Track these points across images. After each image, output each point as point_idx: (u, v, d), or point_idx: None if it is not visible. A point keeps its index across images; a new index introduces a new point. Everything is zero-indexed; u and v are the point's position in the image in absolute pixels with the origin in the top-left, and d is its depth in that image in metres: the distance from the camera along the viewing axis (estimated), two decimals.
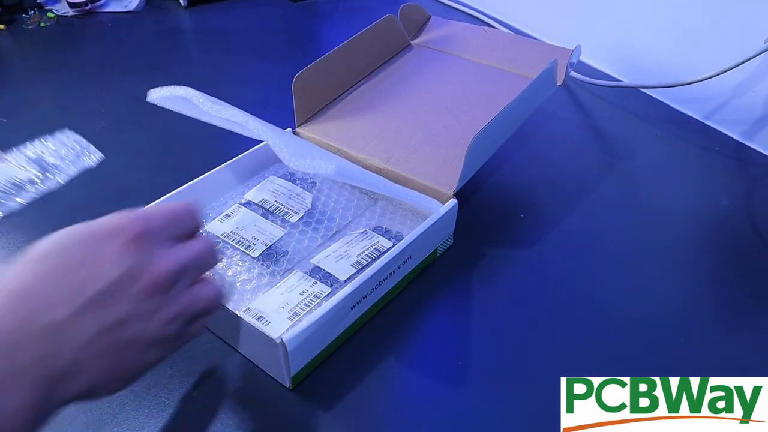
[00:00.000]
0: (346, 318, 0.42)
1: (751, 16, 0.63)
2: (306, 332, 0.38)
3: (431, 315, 0.47)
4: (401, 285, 0.47)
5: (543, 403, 0.39)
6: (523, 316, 0.47)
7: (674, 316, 0.47)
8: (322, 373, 0.42)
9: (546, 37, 0.87)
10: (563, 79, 0.59)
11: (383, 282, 0.44)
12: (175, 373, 0.41)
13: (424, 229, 0.46)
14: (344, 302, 0.40)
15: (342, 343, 0.43)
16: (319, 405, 0.40)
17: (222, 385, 0.41)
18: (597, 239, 0.54)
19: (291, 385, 0.40)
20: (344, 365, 0.42)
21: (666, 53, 0.74)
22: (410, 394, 0.41)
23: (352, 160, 0.55)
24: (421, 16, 0.73)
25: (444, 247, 0.51)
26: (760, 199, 0.60)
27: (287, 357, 0.38)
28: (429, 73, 0.65)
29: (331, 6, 1.03)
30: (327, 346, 0.41)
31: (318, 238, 0.49)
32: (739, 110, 0.68)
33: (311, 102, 0.59)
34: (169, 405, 0.39)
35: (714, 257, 0.53)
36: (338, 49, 0.60)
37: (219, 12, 0.99)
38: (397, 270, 0.45)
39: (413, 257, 0.47)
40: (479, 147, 0.49)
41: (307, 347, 0.39)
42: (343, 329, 0.42)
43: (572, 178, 0.62)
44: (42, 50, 0.88)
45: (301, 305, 0.42)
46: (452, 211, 0.49)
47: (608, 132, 0.71)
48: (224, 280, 0.44)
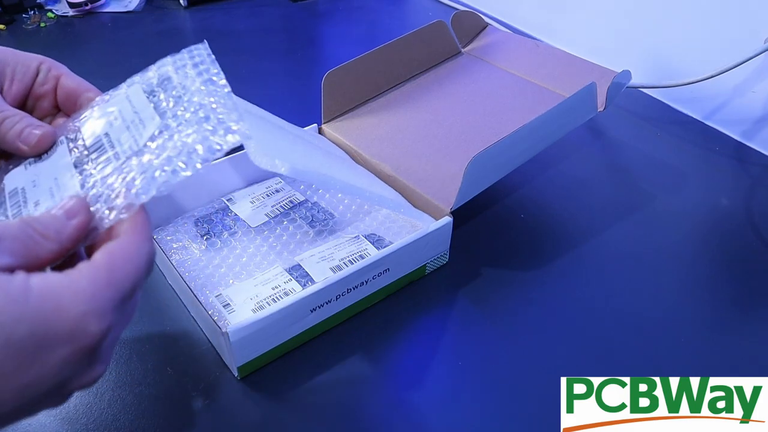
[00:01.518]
0: (306, 319, 0.42)
1: (751, 16, 0.63)
2: (253, 327, 0.38)
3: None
4: (378, 296, 0.46)
5: (543, 403, 0.39)
6: (524, 316, 0.47)
7: (674, 316, 0.47)
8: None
9: (546, 37, 0.87)
10: (605, 104, 0.55)
11: (353, 290, 0.44)
12: (175, 374, 0.41)
13: (406, 243, 0.45)
14: (301, 303, 0.40)
15: (302, 343, 0.43)
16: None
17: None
18: (596, 239, 0.54)
19: (238, 375, 0.41)
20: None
21: (667, 53, 0.74)
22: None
23: (364, 163, 0.55)
24: (476, 24, 0.71)
25: (437, 264, 0.50)
26: (760, 199, 0.60)
27: (231, 348, 0.38)
28: (468, 83, 0.64)
29: (331, 6, 1.03)
30: (283, 344, 0.42)
31: (311, 233, 0.49)
32: (739, 110, 0.68)
33: (340, 100, 0.59)
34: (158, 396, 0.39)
35: (714, 257, 0.53)
36: (375, 51, 0.60)
37: (219, 12, 0.99)
38: (370, 280, 0.44)
39: (392, 270, 0.45)
40: (483, 167, 0.47)
41: (255, 341, 0.40)
42: (302, 330, 0.42)
43: (572, 178, 0.62)
44: (42, 50, 0.87)
45: (268, 299, 0.43)
46: (444, 228, 0.47)
47: (608, 132, 0.71)
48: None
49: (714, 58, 0.64)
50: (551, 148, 0.53)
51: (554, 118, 0.50)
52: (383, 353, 0.44)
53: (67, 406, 0.39)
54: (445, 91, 0.63)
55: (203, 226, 0.49)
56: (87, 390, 0.39)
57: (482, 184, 0.49)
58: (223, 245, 0.48)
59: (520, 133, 0.47)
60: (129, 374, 0.41)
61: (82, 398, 0.39)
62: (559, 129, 0.53)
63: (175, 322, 0.45)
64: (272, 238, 0.49)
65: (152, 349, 0.43)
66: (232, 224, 0.50)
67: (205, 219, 0.50)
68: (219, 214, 0.50)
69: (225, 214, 0.50)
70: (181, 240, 0.48)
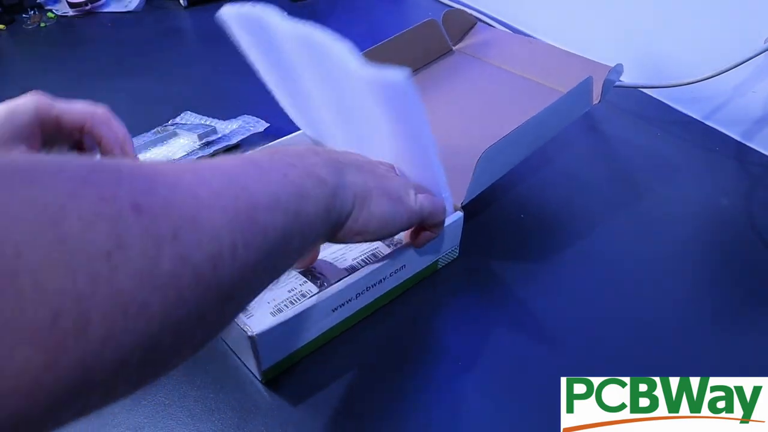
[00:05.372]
0: (327, 319, 0.42)
1: (751, 16, 0.63)
2: (278, 329, 0.38)
3: (422, 324, 0.46)
4: (394, 293, 0.47)
5: (543, 403, 0.39)
6: (523, 316, 0.47)
7: (674, 316, 0.47)
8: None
9: (546, 37, 0.87)
10: (600, 97, 0.56)
11: (372, 288, 0.44)
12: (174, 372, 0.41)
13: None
14: (324, 303, 0.40)
15: (325, 343, 0.43)
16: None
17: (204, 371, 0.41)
18: (596, 239, 0.54)
19: (263, 378, 0.41)
20: (323, 366, 0.42)
21: (666, 53, 0.74)
22: (391, 400, 0.41)
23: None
24: (466, 22, 0.71)
25: (448, 259, 0.50)
26: (760, 199, 0.60)
27: (257, 351, 0.38)
28: (463, 80, 0.64)
29: (331, 6, 1.04)
30: (304, 345, 0.42)
31: None
32: (739, 110, 0.68)
33: None
34: (169, 405, 0.39)
35: (714, 257, 0.53)
36: (372, 50, 0.60)
37: None
38: (387, 277, 0.44)
39: (408, 266, 0.46)
40: (492, 161, 0.47)
41: (280, 344, 0.40)
42: (323, 330, 0.42)
43: (572, 179, 0.62)
44: (42, 50, 0.88)
45: (286, 302, 0.42)
46: (456, 223, 0.48)
47: (608, 132, 0.71)
48: None
49: (714, 58, 0.64)
50: (551, 148, 0.53)
51: (555, 111, 0.51)
52: (402, 351, 0.44)
53: None
54: (442, 90, 0.63)
55: None
56: None
57: (491, 178, 0.50)
58: None
59: (526, 126, 0.48)
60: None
61: None
62: (559, 123, 0.54)
63: None
64: None
65: None
66: None
67: None
68: None
69: None
70: None
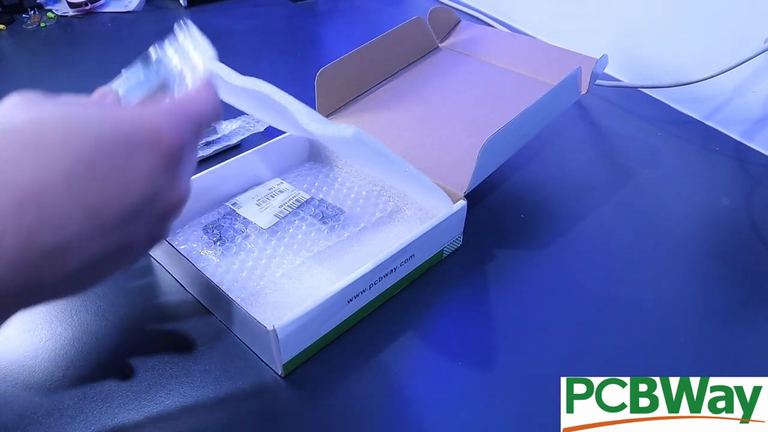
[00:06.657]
0: (343, 311, 0.42)
1: (751, 16, 0.63)
2: (298, 322, 0.38)
3: (431, 313, 0.47)
4: (403, 283, 0.47)
5: (543, 403, 0.39)
6: (523, 316, 0.47)
7: (674, 316, 0.47)
8: (316, 362, 0.42)
9: (545, 37, 0.87)
10: (588, 88, 0.58)
11: (383, 278, 0.44)
12: (176, 369, 0.41)
13: (429, 228, 0.46)
14: (340, 294, 0.41)
15: (338, 336, 0.44)
16: (309, 393, 0.40)
17: (216, 366, 0.42)
18: (596, 239, 0.54)
19: (283, 372, 0.41)
20: (339, 357, 0.42)
21: (666, 53, 0.74)
22: (406, 390, 0.41)
23: None
24: (451, 19, 0.73)
25: (452, 248, 0.51)
26: (760, 199, 0.60)
27: (278, 345, 0.38)
28: (452, 76, 0.65)
29: (331, 6, 1.04)
30: (321, 337, 0.42)
31: (325, 229, 0.50)
32: (739, 110, 0.68)
33: (333, 98, 0.60)
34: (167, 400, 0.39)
35: (714, 257, 0.53)
36: (363, 48, 0.61)
37: (219, 12, 0.99)
38: (398, 267, 0.45)
39: (416, 256, 0.47)
40: (493, 150, 0.49)
41: (300, 337, 0.40)
42: (338, 322, 0.43)
43: (572, 178, 0.62)
44: (42, 50, 0.88)
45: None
46: (461, 212, 0.49)
47: (608, 132, 0.71)
48: None
49: (714, 58, 0.64)
50: (551, 149, 0.53)
51: (549, 102, 0.53)
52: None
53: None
54: (432, 85, 0.64)
55: (214, 232, 0.49)
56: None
57: (491, 167, 0.52)
58: (239, 249, 0.48)
59: (523, 117, 0.49)
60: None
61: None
62: (551, 113, 0.57)
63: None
64: (287, 237, 0.49)
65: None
66: (243, 228, 0.50)
67: (214, 225, 0.50)
68: (227, 219, 0.50)
69: (234, 218, 0.50)
70: (195, 248, 0.48)
